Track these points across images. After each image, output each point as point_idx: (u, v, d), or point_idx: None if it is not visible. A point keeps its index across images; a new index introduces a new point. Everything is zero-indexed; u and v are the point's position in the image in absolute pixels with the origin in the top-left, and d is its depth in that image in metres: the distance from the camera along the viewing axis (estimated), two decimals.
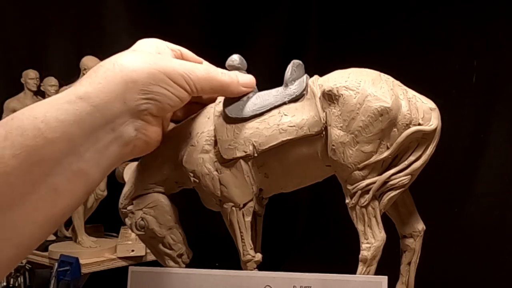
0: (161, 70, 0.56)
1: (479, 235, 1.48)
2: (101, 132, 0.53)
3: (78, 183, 0.52)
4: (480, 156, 1.50)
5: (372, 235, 0.61)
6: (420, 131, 0.60)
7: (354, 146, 0.60)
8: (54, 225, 0.53)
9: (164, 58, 0.59)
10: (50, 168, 0.50)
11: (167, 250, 0.67)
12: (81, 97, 0.52)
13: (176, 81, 0.57)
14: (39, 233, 0.52)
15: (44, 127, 0.50)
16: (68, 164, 0.51)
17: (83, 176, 0.52)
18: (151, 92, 0.55)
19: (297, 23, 1.89)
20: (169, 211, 0.67)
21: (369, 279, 0.60)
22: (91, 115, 0.52)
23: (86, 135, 0.52)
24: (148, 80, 0.55)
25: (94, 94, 0.53)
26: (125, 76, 0.54)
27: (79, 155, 0.52)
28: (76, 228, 1.57)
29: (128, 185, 0.68)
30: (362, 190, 0.61)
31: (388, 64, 0.70)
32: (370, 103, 0.59)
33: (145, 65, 0.55)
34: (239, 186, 0.64)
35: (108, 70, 0.55)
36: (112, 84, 0.54)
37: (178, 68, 0.57)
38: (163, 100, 0.56)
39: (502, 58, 1.45)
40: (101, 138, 0.53)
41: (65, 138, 0.51)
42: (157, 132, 0.59)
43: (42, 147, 0.49)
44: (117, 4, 1.78)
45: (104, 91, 0.53)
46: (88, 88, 0.53)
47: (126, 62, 0.55)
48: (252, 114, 0.63)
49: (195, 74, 0.58)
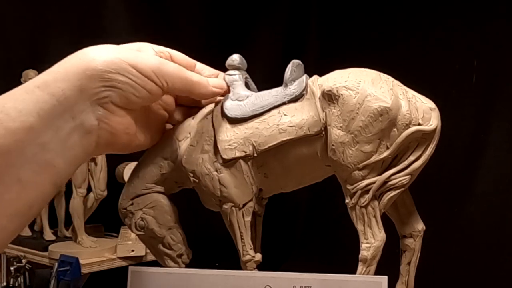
0: (123, 59, 0.56)
1: (479, 235, 1.48)
2: (60, 120, 0.53)
3: (43, 174, 0.52)
4: (480, 156, 1.49)
5: (372, 235, 0.61)
6: (419, 131, 0.60)
7: (354, 146, 0.60)
8: (22, 218, 0.53)
9: (134, 52, 0.58)
10: (13, 159, 0.50)
11: (166, 250, 0.67)
12: (39, 86, 0.52)
13: (142, 72, 0.56)
14: (7, 227, 0.51)
15: (3, 117, 0.50)
16: (32, 154, 0.51)
17: (47, 166, 0.52)
18: (111, 80, 0.55)
19: (297, 23, 1.89)
20: (169, 211, 0.67)
21: (369, 279, 0.60)
22: (49, 104, 0.52)
23: (46, 124, 0.52)
24: (108, 68, 0.55)
25: (51, 83, 0.53)
26: (84, 64, 0.54)
27: (42, 145, 0.52)
28: (76, 228, 1.57)
29: (127, 185, 0.68)
30: (362, 190, 0.61)
31: (388, 64, 0.70)
32: (369, 103, 0.59)
33: (107, 54, 0.55)
34: (238, 186, 0.64)
35: (69, 60, 0.55)
36: (70, 72, 0.53)
37: (147, 60, 0.57)
38: (126, 89, 0.56)
39: (502, 58, 1.45)
40: (61, 127, 0.53)
41: (25, 128, 0.51)
42: (124, 124, 0.58)
43: (3, 138, 0.49)
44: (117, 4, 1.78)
45: (61, 79, 0.53)
46: (46, 77, 0.53)
47: (88, 52, 0.55)
48: (252, 114, 0.63)
49: (165, 68, 0.58)
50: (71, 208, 1.57)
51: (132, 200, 0.67)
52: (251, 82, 0.68)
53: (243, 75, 0.67)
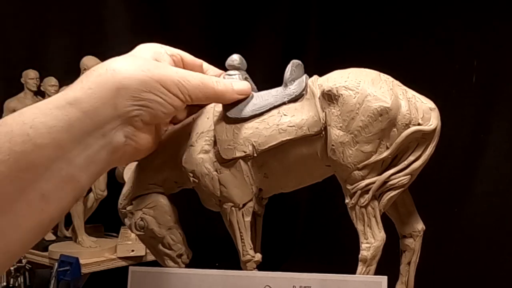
0: (154, 78, 0.55)
1: (479, 235, 1.48)
2: (90, 138, 0.52)
3: (67, 189, 0.52)
4: (480, 156, 1.49)
5: (371, 235, 0.61)
6: (419, 131, 0.60)
7: (354, 146, 0.60)
8: (42, 232, 0.52)
9: (159, 65, 0.58)
10: (39, 174, 0.50)
11: (166, 250, 0.67)
12: (71, 103, 0.52)
13: (169, 89, 0.56)
14: (26, 240, 0.51)
15: (32, 132, 0.49)
16: (57, 170, 0.50)
17: (72, 182, 0.52)
18: (143, 99, 0.55)
19: (297, 23, 1.89)
20: (169, 211, 0.67)
21: (369, 279, 0.60)
22: (81, 121, 0.52)
23: (75, 141, 0.51)
24: (140, 87, 0.54)
25: (84, 100, 0.52)
26: (116, 82, 0.53)
27: (69, 161, 0.51)
28: (76, 228, 1.57)
29: (127, 185, 0.68)
30: (362, 190, 0.61)
31: (388, 64, 0.70)
32: (369, 103, 0.59)
33: (137, 71, 0.55)
34: (238, 186, 0.64)
35: (100, 76, 0.54)
36: (103, 89, 0.53)
37: (173, 76, 0.57)
38: (156, 107, 0.56)
39: (502, 58, 1.45)
40: (91, 144, 0.52)
41: (54, 144, 0.50)
42: (148, 139, 0.58)
43: (31, 153, 0.49)
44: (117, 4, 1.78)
45: (95, 96, 0.52)
46: (78, 93, 0.52)
47: (119, 68, 0.55)
48: (252, 114, 0.63)
49: (189, 83, 0.58)
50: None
51: (132, 200, 0.67)
52: (251, 82, 0.68)
53: (243, 75, 0.67)
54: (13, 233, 0.49)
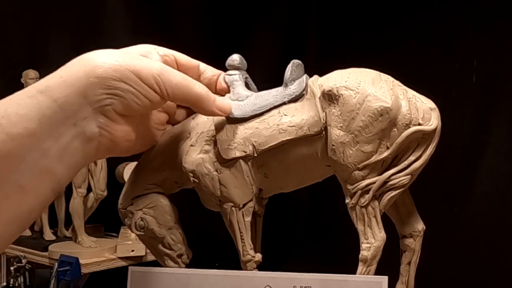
0: (128, 67, 0.55)
1: (479, 235, 1.48)
2: (62, 127, 0.52)
3: (43, 180, 0.52)
4: (480, 156, 1.49)
5: (372, 235, 0.61)
6: (420, 131, 0.60)
7: (354, 146, 0.60)
8: (22, 225, 0.52)
9: (137, 57, 0.57)
10: (14, 165, 0.49)
11: (166, 250, 0.67)
12: (42, 91, 0.52)
13: (145, 81, 0.55)
14: (5, 232, 0.51)
15: (5, 122, 0.49)
16: (33, 161, 0.50)
17: (48, 173, 0.52)
18: (114, 87, 0.54)
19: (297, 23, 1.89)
20: (169, 211, 0.67)
21: (369, 279, 0.60)
22: (52, 109, 0.51)
23: (47, 130, 0.51)
24: (112, 75, 0.54)
25: (55, 88, 0.52)
26: (88, 71, 0.53)
27: (43, 151, 0.51)
28: (76, 228, 1.57)
29: (127, 185, 0.68)
30: (362, 190, 0.61)
31: (388, 64, 0.70)
32: (370, 103, 0.59)
33: (111, 61, 0.54)
34: (238, 186, 0.64)
35: (73, 64, 0.54)
36: (73, 78, 0.53)
37: (149, 67, 0.56)
38: (128, 97, 0.55)
39: (502, 58, 1.45)
40: (63, 134, 0.52)
41: (27, 133, 0.50)
42: (125, 132, 0.57)
43: (4, 143, 0.49)
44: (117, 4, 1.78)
45: (65, 84, 0.52)
46: (49, 81, 0.52)
47: (92, 57, 0.54)
48: (252, 114, 0.63)
49: (168, 78, 0.57)
50: (71, 208, 1.57)
51: (132, 200, 0.67)
52: (251, 82, 0.68)
53: (243, 75, 0.67)
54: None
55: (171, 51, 0.63)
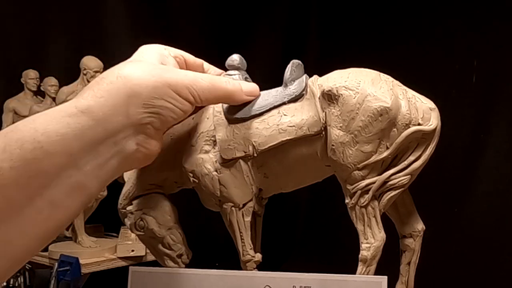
0: (165, 83, 0.55)
1: (479, 235, 1.48)
2: (102, 146, 0.52)
3: (76, 196, 0.51)
4: (480, 156, 1.49)
5: (371, 235, 0.61)
6: (419, 131, 0.60)
7: (354, 146, 0.60)
8: (48, 238, 0.52)
9: (169, 69, 0.58)
10: (48, 181, 0.49)
11: (166, 250, 0.67)
12: (83, 111, 0.51)
13: (180, 94, 0.56)
14: (33, 246, 0.51)
15: (44, 140, 0.49)
16: (67, 177, 0.50)
17: (81, 189, 0.51)
18: (154, 106, 0.54)
19: (297, 23, 1.89)
20: (169, 211, 0.67)
21: (369, 279, 0.60)
22: (93, 130, 0.51)
23: (86, 149, 0.51)
24: (152, 94, 0.54)
25: (96, 108, 0.52)
26: (128, 90, 0.53)
27: (79, 168, 0.51)
28: (76, 228, 1.57)
29: (127, 186, 0.68)
30: (362, 190, 0.61)
31: (388, 64, 0.70)
32: (369, 103, 0.59)
33: (148, 77, 0.54)
34: (238, 186, 0.64)
35: (111, 83, 0.53)
36: (115, 97, 0.53)
37: (183, 80, 0.56)
38: (166, 114, 0.55)
39: (502, 58, 1.45)
40: (102, 152, 0.52)
41: (65, 152, 0.50)
42: (157, 145, 0.58)
43: (41, 161, 0.48)
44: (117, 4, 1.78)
45: (107, 104, 0.52)
46: (90, 101, 0.52)
47: (129, 75, 0.54)
48: (252, 114, 0.63)
49: (200, 85, 0.57)
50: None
51: (132, 200, 0.67)
52: (250, 82, 0.68)
53: (242, 75, 0.67)
54: (20, 239, 0.49)
55: (179, 51, 0.64)
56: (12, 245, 0.49)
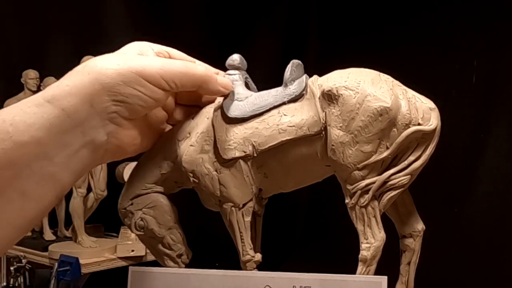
0: (132, 70, 0.54)
1: (479, 235, 1.48)
2: (70, 135, 0.52)
3: (48, 187, 0.51)
4: (480, 156, 1.49)
5: (371, 235, 0.61)
6: (419, 131, 0.60)
7: (354, 146, 0.60)
8: (23, 229, 0.52)
9: (138, 57, 0.57)
10: (19, 171, 0.49)
11: (166, 250, 0.67)
12: (49, 101, 0.51)
13: (150, 80, 0.55)
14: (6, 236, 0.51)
15: (12, 130, 0.49)
16: (38, 168, 0.50)
17: (52, 180, 0.52)
18: (120, 94, 0.54)
19: (297, 23, 1.90)
20: (169, 211, 0.66)
21: (369, 279, 0.60)
22: (59, 118, 0.51)
23: (55, 138, 0.51)
24: (117, 81, 0.53)
25: (61, 97, 0.52)
26: (92, 78, 0.53)
27: (49, 159, 0.51)
28: (76, 228, 1.57)
29: (127, 185, 0.68)
30: (362, 190, 0.61)
31: (388, 64, 0.70)
32: (369, 103, 0.59)
33: (113, 65, 0.54)
34: (238, 186, 0.64)
35: (77, 72, 0.54)
36: (79, 86, 0.53)
37: (153, 65, 0.56)
38: (133, 102, 0.55)
39: (502, 58, 1.45)
40: (70, 142, 0.52)
41: (34, 142, 0.50)
42: (132, 136, 0.57)
43: (11, 151, 0.49)
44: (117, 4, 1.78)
45: (71, 93, 0.52)
46: (55, 90, 0.52)
47: (95, 64, 0.54)
48: (252, 114, 0.63)
49: (172, 70, 0.57)
50: (71, 208, 1.57)
51: (131, 200, 0.67)
52: (251, 82, 0.68)
53: (243, 75, 0.67)
54: None
55: (166, 47, 0.63)
56: None
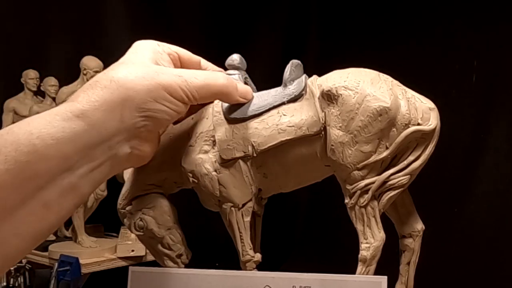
0: (159, 86, 0.55)
1: (479, 235, 1.48)
2: (97, 150, 0.52)
3: (69, 198, 0.52)
4: (480, 156, 1.49)
5: (371, 235, 0.61)
6: (419, 131, 0.60)
7: (353, 146, 0.60)
8: (41, 238, 0.52)
9: (162, 71, 0.57)
10: (42, 183, 0.49)
11: (166, 251, 0.67)
12: (78, 116, 0.51)
13: (174, 95, 0.55)
14: (25, 246, 0.51)
15: (39, 143, 0.49)
16: (60, 179, 0.50)
17: (74, 191, 0.52)
18: (148, 109, 0.54)
19: (297, 23, 1.89)
20: (168, 211, 0.66)
21: (369, 279, 0.60)
22: (87, 134, 0.51)
23: (81, 153, 0.51)
24: (146, 98, 0.54)
25: (91, 113, 0.52)
26: (122, 94, 0.53)
27: (73, 171, 0.51)
28: (76, 228, 1.57)
29: (126, 186, 0.68)
30: (361, 190, 0.61)
31: (388, 64, 0.70)
32: (369, 103, 0.59)
33: (142, 81, 0.54)
34: (238, 186, 0.64)
35: (105, 88, 0.53)
36: (109, 102, 0.53)
37: (176, 81, 0.56)
38: (161, 117, 0.55)
39: (502, 58, 1.45)
40: (96, 156, 0.52)
41: (60, 156, 0.50)
42: (152, 147, 0.58)
43: (36, 163, 0.49)
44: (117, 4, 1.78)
45: (101, 109, 0.52)
46: (85, 105, 0.52)
47: (123, 79, 0.54)
48: (251, 114, 0.63)
49: (194, 84, 0.57)
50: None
51: (131, 201, 0.67)
52: (250, 82, 0.68)
53: (242, 75, 0.66)
54: (13, 240, 0.49)
55: (174, 47, 0.63)
56: (4, 245, 0.49)
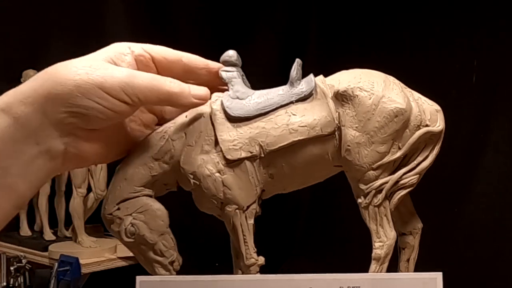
0: (91, 82, 0.51)
1: (479, 235, 1.48)
2: (23, 145, 0.50)
3: (4, 197, 0.50)
4: (480, 156, 1.50)
5: (384, 233, 0.62)
6: (429, 132, 0.62)
7: (370, 147, 0.60)
8: None
9: (102, 67, 0.54)
10: None
11: (157, 258, 0.63)
12: (3, 109, 0.50)
13: (111, 93, 0.52)
14: None
15: None
16: None
17: (9, 190, 0.50)
18: (77, 105, 0.51)
19: (297, 23, 1.89)
20: (161, 215, 0.62)
21: (423, 276, 0.58)
22: (12, 127, 0.50)
23: (8, 148, 0.50)
24: (75, 93, 0.51)
25: (15, 105, 0.50)
26: (49, 87, 0.51)
27: (3, 169, 0.50)
28: (76, 228, 1.57)
29: (111, 189, 0.63)
30: (376, 189, 0.61)
31: (388, 64, 0.70)
32: (385, 105, 0.60)
33: (73, 75, 0.51)
34: (243, 188, 0.62)
35: (35, 80, 0.52)
36: (34, 95, 0.51)
37: (115, 78, 0.53)
38: (91, 114, 0.52)
39: (502, 58, 1.45)
40: (25, 152, 0.50)
41: None
42: (94, 147, 0.55)
43: None
44: (117, 4, 1.78)
45: (25, 102, 0.50)
46: (10, 98, 0.51)
47: (54, 72, 0.52)
48: (256, 114, 0.61)
49: (136, 83, 0.54)
50: (71, 208, 1.57)
51: (118, 205, 0.62)
52: (245, 79, 0.64)
53: (239, 72, 0.63)
54: None
55: (149, 46, 0.60)
56: None
